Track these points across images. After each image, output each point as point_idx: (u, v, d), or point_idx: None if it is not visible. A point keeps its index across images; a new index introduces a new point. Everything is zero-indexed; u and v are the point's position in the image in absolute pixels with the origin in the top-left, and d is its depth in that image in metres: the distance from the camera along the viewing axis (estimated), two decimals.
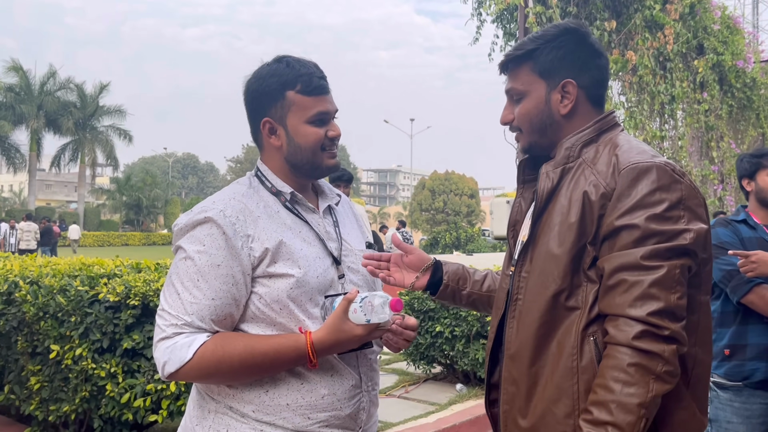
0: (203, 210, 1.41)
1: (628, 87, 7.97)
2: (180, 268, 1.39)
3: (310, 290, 1.42)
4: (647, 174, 1.28)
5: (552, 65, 1.44)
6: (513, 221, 1.56)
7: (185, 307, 1.36)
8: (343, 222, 1.63)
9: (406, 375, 5.75)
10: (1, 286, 3.65)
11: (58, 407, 3.35)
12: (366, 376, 1.52)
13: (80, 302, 3.23)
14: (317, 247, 1.48)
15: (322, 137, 1.49)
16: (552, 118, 1.45)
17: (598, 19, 6.99)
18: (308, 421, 1.41)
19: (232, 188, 1.51)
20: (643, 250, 1.25)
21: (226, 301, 1.38)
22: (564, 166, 1.40)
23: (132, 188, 49.26)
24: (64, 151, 44.93)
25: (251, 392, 1.40)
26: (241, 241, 1.39)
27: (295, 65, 1.49)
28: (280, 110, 1.49)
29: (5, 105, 40.51)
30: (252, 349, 1.35)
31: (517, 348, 1.39)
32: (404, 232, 17.51)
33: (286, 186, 1.51)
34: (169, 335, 1.36)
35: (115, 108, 45.22)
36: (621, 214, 1.27)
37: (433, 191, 45.86)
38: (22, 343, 3.48)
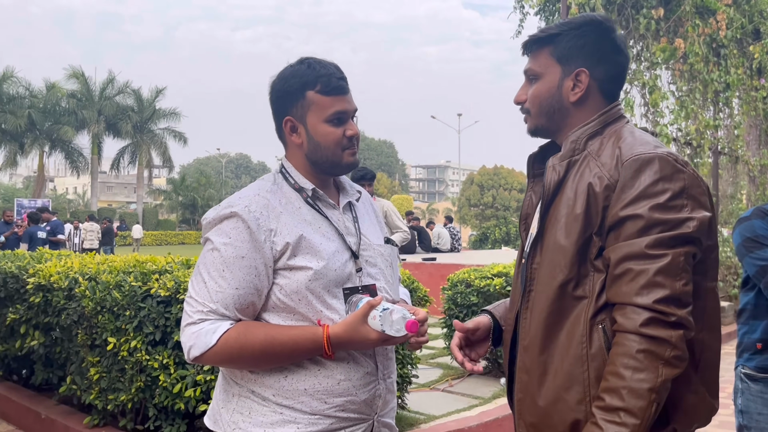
0: (230, 205, 1.49)
1: (678, 76, 7.77)
2: (207, 258, 1.48)
3: (327, 282, 1.49)
4: (650, 165, 1.31)
5: (570, 52, 1.46)
6: (524, 215, 1.59)
7: (211, 295, 1.45)
8: (362, 218, 1.68)
9: (450, 369, 5.78)
10: (63, 282, 3.87)
11: (116, 397, 3.52)
12: (382, 364, 1.58)
13: (134, 297, 3.40)
14: (336, 242, 1.54)
15: (340, 136, 1.55)
16: (561, 104, 1.48)
17: (645, 6, 6.84)
18: (325, 405, 1.48)
19: (257, 184, 1.58)
20: (647, 239, 1.27)
21: (249, 291, 1.46)
22: (570, 159, 1.43)
23: (187, 188, 50.66)
24: (122, 153, 46.59)
25: (271, 377, 1.49)
26: (264, 235, 1.46)
27: (316, 66, 1.55)
28: (301, 109, 1.55)
29: (68, 111, 42.27)
30: (272, 339, 1.44)
31: (529, 338, 1.43)
32: (451, 227, 17.46)
33: (307, 183, 1.58)
34: (195, 321, 1.45)
35: (170, 111, 46.59)
36: (625, 205, 1.30)
37: (481, 186, 45.47)
38: (82, 336, 3.68)
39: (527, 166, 1.63)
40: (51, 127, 41.50)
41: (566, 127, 1.49)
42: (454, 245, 16.48)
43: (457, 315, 5.52)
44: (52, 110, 41.91)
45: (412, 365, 4.13)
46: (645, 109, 7.54)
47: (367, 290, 1.55)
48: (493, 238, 22.45)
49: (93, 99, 43.45)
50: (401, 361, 3.92)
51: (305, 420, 1.47)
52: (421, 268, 10.11)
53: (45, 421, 4.16)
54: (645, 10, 6.82)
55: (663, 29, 6.97)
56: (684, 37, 6.91)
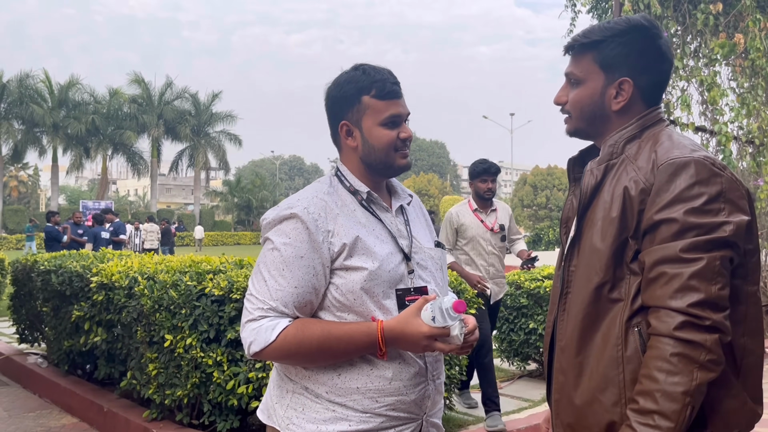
0: (289, 206, 1.55)
1: (739, 72, 7.49)
2: (267, 257, 1.54)
3: (381, 283, 1.53)
4: (685, 169, 1.31)
5: (614, 60, 1.45)
6: (565, 218, 1.60)
7: (271, 293, 1.51)
8: (413, 221, 1.72)
9: (501, 371, 5.75)
10: (123, 281, 4.05)
11: (173, 392, 3.66)
12: (431, 366, 1.61)
13: (189, 296, 3.52)
14: (389, 244, 1.59)
15: (395, 138, 1.59)
16: (603, 111, 1.48)
17: (703, 1, 6.64)
18: (376, 404, 1.52)
19: (314, 187, 1.64)
20: (682, 243, 1.27)
21: (308, 290, 1.51)
22: (607, 162, 1.44)
23: (242, 190, 51.77)
24: (181, 156, 48.01)
25: (325, 374, 1.53)
26: (322, 236, 1.52)
27: (371, 72, 1.60)
28: (356, 114, 1.60)
29: (129, 116, 43.87)
30: (328, 334, 1.48)
31: (565, 340, 1.44)
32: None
33: (363, 186, 1.63)
34: (256, 318, 1.50)
35: (226, 114, 47.75)
36: (660, 209, 1.30)
37: (534, 187, 44.79)
38: (141, 333, 3.83)
39: (567, 170, 1.64)
40: (114, 132, 43.17)
41: (606, 132, 1.50)
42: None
43: (507, 317, 5.48)
44: (114, 115, 43.59)
45: (461, 367, 4.14)
46: (703, 107, 7.31)
47: (419, 292, 1.58)
48: (546, 239, 22.14)
49: (153, 104, 44.95)
50: (449, 362, 3.93)
51: (357, 418, 1.51)
52: None
53: (107, 414, 4.35)
54: (703, 5, 6.62)
55: (722, 24, 6.75)
56: (744, 32, 6.66)
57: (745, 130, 7.55)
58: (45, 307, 5.14)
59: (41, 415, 4.88)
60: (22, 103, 39.84)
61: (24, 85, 40.26)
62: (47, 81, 41.74)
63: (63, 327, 4.89)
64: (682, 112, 6.88)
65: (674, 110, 7.14)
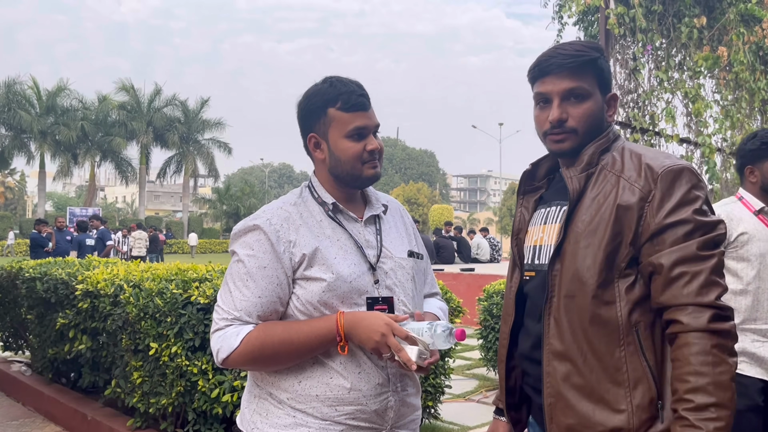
0: (254, 218, 1.60)
1: (723, 85, 7.59)
2: (233, 269, 1.59)
3: (341, 294, 1.55)
4: (682, 175, 1.42)
5: (608, 76, 1.57)
6: (516, 230, 1.68)
7: (235, 303, 1.55)
8: (388, 230, 1.72)
9: (486, 380, 5.77)
10: (109, 289, 4.03)
11: (157, 400, 3.64)
12: (395, 378, 1.60)
13: (175, 304, 3.51)
14: (353, 255, 1.60)
15: (360, 150, 1.60)
16: (602, 124, 1.55)
17: (687, 15, 6.74)
18: (335, 413, 1.54)
19: (284, 198, 1.68)
20: (696, 242, 1.37)
21: (272, 299, 1.55)
22: (587, 171, 1.51)
23: (231, 198, 51.58)
24: (169, 163, 47.86)
25: (287, 381, 1.57)
26: (284, 246, 1.55)
27: (337, 84, 1.62)
28: (323, 126, 1.63)
29: (118, 122, 43.69)
30: (290, 329, 1.53)
31: (559, 343, 1.46)
32: (491, 238, 17.34)
33: (329, 197, 1.65)
34: (221, 327, 1.56)
35: (216, 121, 47.65)
36: (669, 213, 1.38)
37: None
38: (126, 341, 3.82)
39: (520, 184, 1.70)
40: (102, 138, 42.96)
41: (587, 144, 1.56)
42: (494, 255, 16.36)
43: (493, 326, 5.51)
44: (103, 122, 43.40)
45: (446, 375, 4.15)
46: (688, 119, 7.40)
47: (386, 302, 1.59)
48: None
49: (142, 111, 44.80)
50: (434, 371, 3.94)
51: (316, 425, 1.54)
52: (459, 278, 10.10)
53: (91, 422, 4.32)
54: (687, 18, 6.71)
55: (706, 38, 6.85)
56: (728, 45, 6.76)
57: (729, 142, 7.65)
58: (29, 314, 5.11)
59: (24, 424, 4.84)
60: (10, 109, 39.57)
61: (12, 91, 40.01)
62: (35, 87, 41.50)
63: (47, 335, 4.86)
64: (667, 123, 6.96)
65: (659, 122, 7.22)
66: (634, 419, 1.38)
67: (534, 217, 1.64)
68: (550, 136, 1.54)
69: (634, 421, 1.38)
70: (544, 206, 1.62)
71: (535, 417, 1.64)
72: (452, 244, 15.29)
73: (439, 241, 15.03)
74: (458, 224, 21.53)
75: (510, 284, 1.68)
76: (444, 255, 14.47)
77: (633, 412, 1.38)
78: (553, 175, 1.67)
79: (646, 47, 6.81)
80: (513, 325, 1.64)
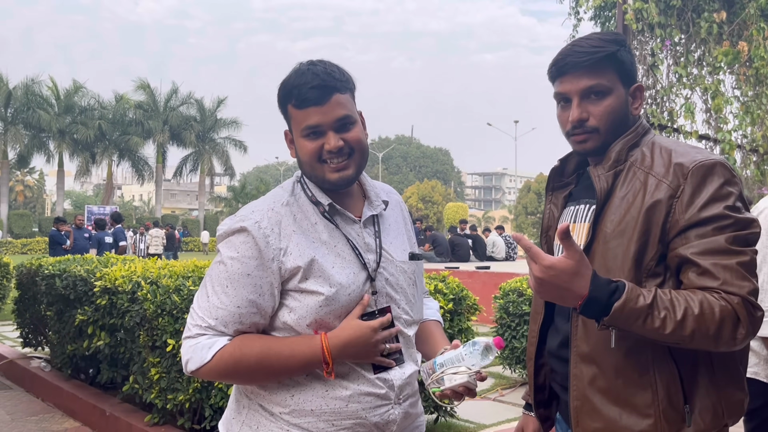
0: (242, 219, 1.43)
1: (743, 80, 7.49)
2: (213, 271, 1.44)
3: (339, 308, 1.42)
4: (714, 170, 1.37)
5: (630, 67, 1.50)
6: (546, 227, 1.64)
7: (211, 311, 1.40)
8: (387, 230, 1.57)
9: (502, 378, 5.74)
10: (127, 285, 4.06)
11: (175, 396, 3.67)
12: (400, 389, 1.48)
13: (191, 300, 3.53)
14: (352, 263, 1.46)
15: (316, 150, 1.43)
16: (627, 120, 1.50)
17: (706, 10, 6.65)
18: (333, 428, 1.42)
19: (274, 195, 1.51)
20: (725, 236, 1.32)
21: (251, 310, 1.40)
22: (615, 169, 1.47)
23: (247, 196, 51.76)
24: (185, 162, 48.18)
25: (279, 395, 1.44)
26: (273, 254, 1.40)
27: (294, 76, 1.45)
28: (289, 123, 1.49)
29: (135, 121, 44.11)
30: (268, 350, 1.39)
31: (586, 346, 1.43)
32: (507, 236, 17.26)
33: (324, 197, 1.48)
34: (193, 335, 1.41)
35: (231, 120, 47.92)
36: (700, 208, 1.34)
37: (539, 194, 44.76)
38: (144, 337, 3.85)
39: (548, 180, 1.66)
40: (119, 137, 43.37)
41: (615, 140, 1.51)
42: (510, 254, 16.28)
43: (509, 324, 5.48)
44: (120, 121, 43.83)
45: None
46: (707, 116, 7.31)
47: (383, 313, 1.47)
48: None
49: (158, 110, 45.16)
50: None
51: None
52: (475, 276, 10.06)
53: (109, 418, 4.36)
54: (706, 13, 6.62)
55: (726, 33, 6.75)
56: (748, 40, 6.66)
57: (749, 139, 7.54)
58: (49, 311, 5.17)
59: (44, 419, 4.90)
60: (29, 108, 40.07)
61: (30, 91, 40.51)
62: (54, 87, 41.99)
63: (66, 331, 4.91)
64: (686, 120, 6.88)
65: (678, 118, 7.14)
66: (661, 424, 1.34)
67: (563, 215, 1.60)
68: (572, 136, 1.50)
69: (662, 426, 1.34)
70: (574, 204, 1.58)
71: (563, 414, 1.62)
72: (467, 242, 15.24)
73: (454, 239, 14.98)
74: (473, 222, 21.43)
75: None
76: (459, 253, 14.43)
77: (660, 417, 1.34)
78: (582, 170, 1.61)
79: (664, 43, 6.73)
80: (542, 323, 1.62)
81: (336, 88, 1.42)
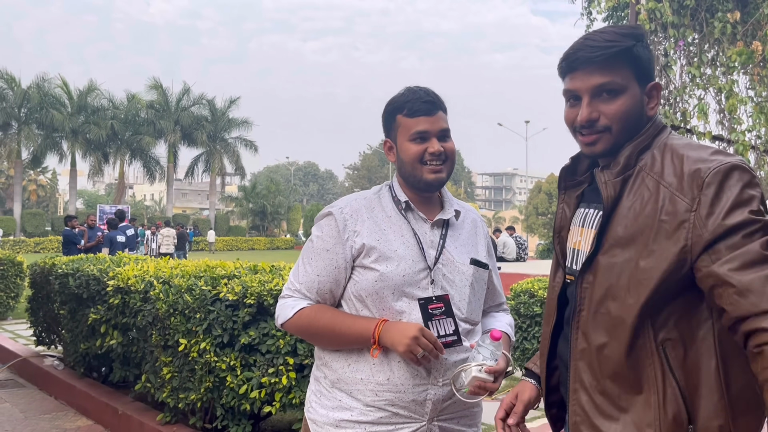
0: (331, 206, 1.79)
1: (757, 81, 7.42)
2: (306, 247, 1.80)
3: (392, 285, 1.67)
4: (731, 174, 1.27)
5: (647, 64, 1.41)
6: (558, 227, 1.56)
7: (299, 277, 1.77)
8: (456, 236, 1.81)
9: (514, 380, 5.71)
10: (139, 285, 4.09)
11: (186, 396, 3.68)
12: (438, 372, 1.68)
13: (204, 300, 3.55)
14: (413, 251, 1.71)
15: (420, 152, 1.72)
16: (641, 120, 1.41)
17: (720, 10, 6.59)
18: (376, 398, 1.67)
19: (362, 192, 1.84)
20: (758, 242, 1.22)
21: (329, 279, 1.73)
22: (623, 175, 1.38)
23: (257, 196, 51.97)
24: (197, 162, 48.37)
25: (338, 362, 1.73)
26: (348, 234, 1.71)
27: (406, 93, 1.77)
28: (394, 131, 1.79)
29: (147, 121, 44.31)
30: (335, 319, 1.71)
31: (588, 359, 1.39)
32: (518, 237, 17.21)
33: (403, 195, 1.78)
34: (284, 296, 1.79)
35: (242, 120, 48.05)
36: (723, 218, 1.24)
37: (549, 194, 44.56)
38: (156, 336, 3.87)
39: (560, 179, 1.57)
40: (131, 137, 43.61)
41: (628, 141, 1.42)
42: (520, 254, 16.23)
43: (520, 325, 5.47)
44: (132, 121, 44.05)
45: None
46: (720, 116, 7.25)
47: (441, 300, 1.69)
48: None
49: (170, 109, 45.35)
50: None
51: (358, 409, 1.68)
52: None
53: (122, 416, 4.39)
54: (720, 13, 6.57)
55: (740, 33, 6.69)
56: (762, 40, 6.60)
57: (763, 140, 7.48)
58: (62, 309, 5.21)
59: (57, 417, 4.94)
60: (42, 108, 40.39)
61: (43, 90, 40.81)
62: (65, 86, 42.27)
63: (79, 330, 4.94)
64: (699, 120, 6.83)
65: (691, 119, 7.09)
66: None
67: (575, 216, 1.52)
68: (581, 137, 1.42)
69: None
70: (584, 206, 1.51)
71: None
72: None
73: None
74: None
75: (553, 284, 1.57)
76: None
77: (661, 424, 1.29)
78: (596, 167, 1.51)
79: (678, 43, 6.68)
80: (555, 325, 1.56)
81: (441, 106, 1.77)
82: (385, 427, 1.66)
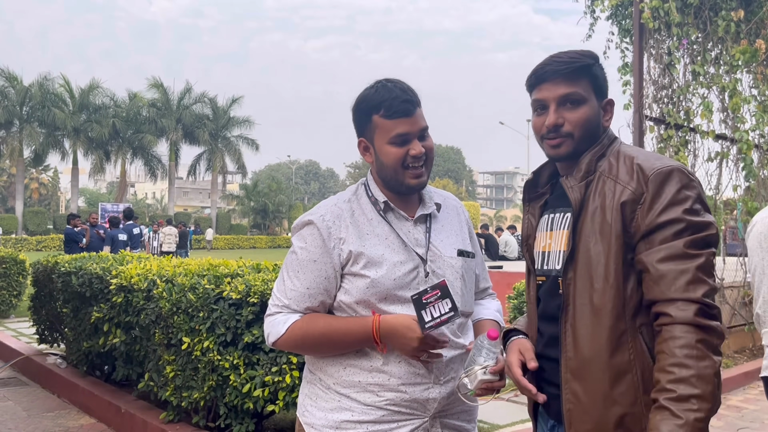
0: (310, 214, 1.71)
1: (760, 79, 7.41)
2: (288, 260, 1.71)
3: (384, 290, 1.63)
4: (671, 176, 1.45)
5: (603, 82, 1.61)
6: (525, 236, 1.73)
7: (286, 293, 1.68)
8: (439, 229, 1.76)
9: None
10: (142, 283, 4.09)
11: (189, 394, 3.68)
12: (438, 370, 1.66)
13: (207, 299, 3.55)
14: (400, 253, 1.66)
15: (402, 155, 1.65)
16: (598, 130, 1.60)
17: (724, 9, 6.58)
18: (377, 398, 1.63)
19: (340, 194, 1.77)
20: (683, 240, 1.40)
21: (319, 291, 1.66)
22: (586, 180, 1.56)
23: (259, 194, 51.98)
24: (198, 160, 48.37)
25: (333, 367, 1.68)
26: (334, 242, 1.65)
27: (382, 91, 1.66)
28: (370, 132, 1.70)
29: (148, 120, 44.29)
30: (329, 327, 1.64)
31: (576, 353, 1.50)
32: (519, 235, 17.19)
33: (381, 195, 1.72)
34: (272, 313, 1.70)
35: (244, 119, 48.06)
36: (660, 212, 1.43)
37: None
38: (159, 335, 3.87)
39: (524, 192, 1.75)
40: (133, 136, 43.62)
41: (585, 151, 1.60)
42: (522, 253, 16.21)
43: None
44: (134, 119, 44.05)
45: None
46: (724, 115, 7.24)
47: (437, 287, 1.62)
48: None
49: (171, 108, 45.34)
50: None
51: (359, 409, 1.63)
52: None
53: (125, 415, 4.39)
54: (724, 12, 6.55)
55: (743, 31, 6.67)
56: (766, 38, 6.59)
57: (766, 138, 7.46)
58: (65, 308, 5.21)
59: (60, 415, 4.94)
60: (44, 107, 40.41)
61: (45, 89, 40.83)
62: (67, 85, 42.29)
63: (82, 328, 4.95)
64: (702, 119, 6.82)
65: (694, 117, 7.07)
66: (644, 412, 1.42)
67: (540, 223, 1.69)
68: (547, 140, 1.59)
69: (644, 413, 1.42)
70: (549, 212, 1.67)
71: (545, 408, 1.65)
72: (480, 241, 15.21)
73: None
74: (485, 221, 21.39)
75: (528, 290, 1.73)
76: None
77: (644, 414, 1.41)
78: (555, 180, 1.69)
79: (681, 41, 6.67)
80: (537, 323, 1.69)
81: (418, 103, 1.68)
82: (387, 425, 1.63)
